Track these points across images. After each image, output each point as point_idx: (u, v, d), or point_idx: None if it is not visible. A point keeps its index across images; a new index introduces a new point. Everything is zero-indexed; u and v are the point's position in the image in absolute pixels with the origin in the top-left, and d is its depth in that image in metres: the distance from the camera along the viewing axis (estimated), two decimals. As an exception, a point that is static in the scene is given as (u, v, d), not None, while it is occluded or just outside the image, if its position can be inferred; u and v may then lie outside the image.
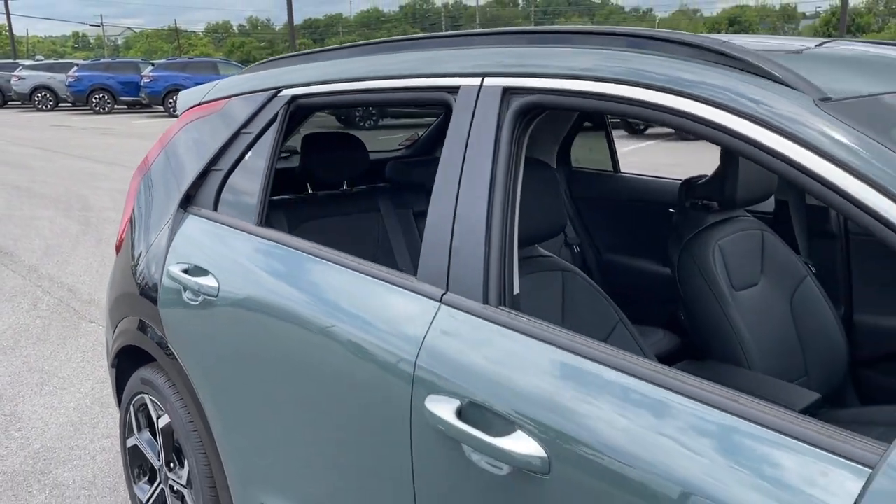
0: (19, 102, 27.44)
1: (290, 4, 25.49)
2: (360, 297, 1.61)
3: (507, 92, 1.47)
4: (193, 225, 2.19)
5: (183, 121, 2.44)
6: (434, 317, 1.45)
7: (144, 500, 2.48)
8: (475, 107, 1.51)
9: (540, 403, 1.22)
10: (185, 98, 2.53)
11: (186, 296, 2.07)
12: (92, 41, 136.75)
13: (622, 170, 3.15)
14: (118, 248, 2.56)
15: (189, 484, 2.23)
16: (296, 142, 2.70)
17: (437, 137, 3.22)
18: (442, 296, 1.47)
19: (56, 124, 20.71)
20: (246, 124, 2.13)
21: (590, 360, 1.21)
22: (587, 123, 3.20)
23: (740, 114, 1.13)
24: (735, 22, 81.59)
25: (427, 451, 1.39)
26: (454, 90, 1.57)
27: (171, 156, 2.40)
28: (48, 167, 12.09)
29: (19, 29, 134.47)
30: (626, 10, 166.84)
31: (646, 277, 2.87)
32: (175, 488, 2.33)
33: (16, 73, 26.38)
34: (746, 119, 1.12)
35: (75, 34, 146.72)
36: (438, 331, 1.42)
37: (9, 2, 41.41)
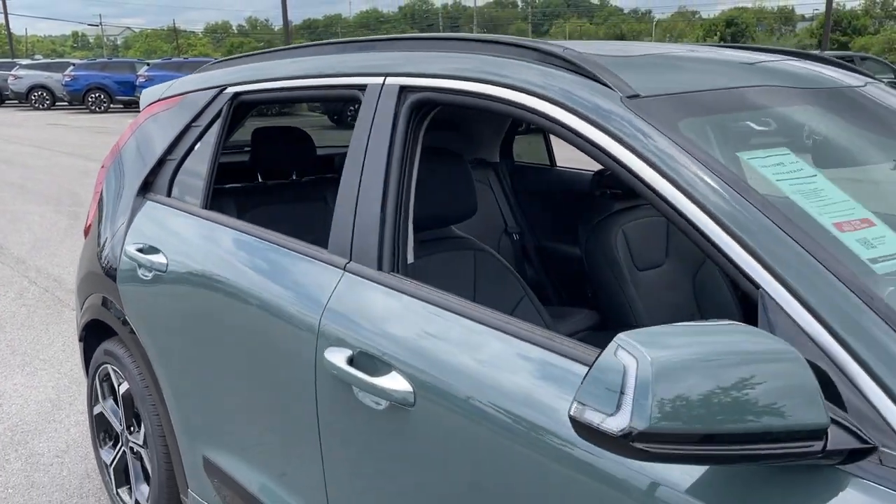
0: (16, 101, 27.66)
1: (284, 7, 25.76)
2: (281, 268, 1.85)
3: (403, 90, 1.71)
4: (149, 209, 2.42)
5: (144, 115, 2.68)
6: (338, 282, 1.68)
7: (109, 463, 2.72)
8: (377, 102, 1.75)
9: (409, 350, 1.46)
10: (147, 95, 2.77)
11: (141, 272, 2.30)
12: (91, 41, 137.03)
13: (559, 164, 3.39)
14: (86, 232, 2.79)
15: (145, 443, 2.46)
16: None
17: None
18: (346, 265, 1.70)
19: (52, 123, 20.94)
20: (196, 118, 2.36)
21: (451, 313, 1.45)
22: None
23: (564, 107, 1.36)
24: (732, 24, 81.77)
25: (327, 394, 1.62)
26: (362, 88, 1.81)
27: (132, 148, 2.64)
28: (41, 164, 12.32)
29: (18, 28, 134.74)
30: (625, 11, 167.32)
31: (577, 262, 3.11)
32: (134, 450, 2.56)
33: (13, 72, 26.59)
34: (568, 111, 1.35)
35: (74, 34, 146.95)
36: (340, 294, 1.66)
37: (7, 1, 41.61)
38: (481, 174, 3.33)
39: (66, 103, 26.12)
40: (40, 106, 26.27)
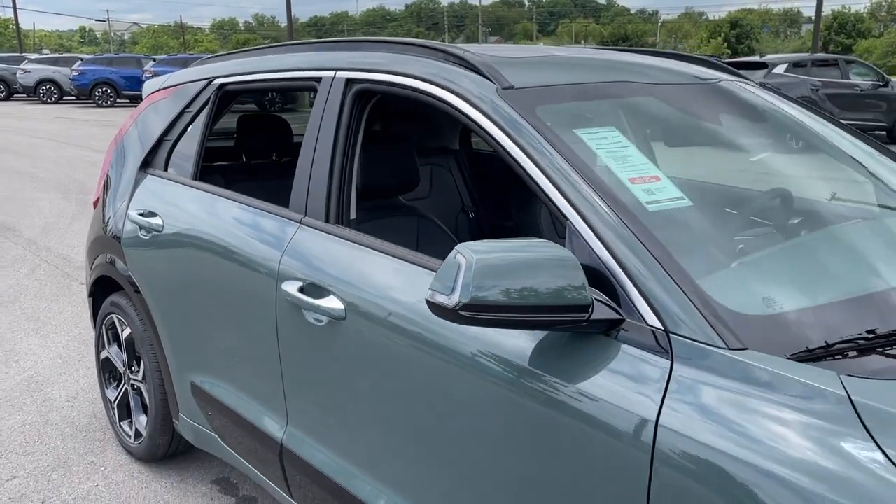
0: (25, 95, 28.20)
1: (288, 4, 26.25)
2: (252, 224, 2.31)
3: (349, 82, 2.16)
4: (149, 182, 2.89)
5: (146, 103, 3.14)
6: (294, 232, 2.14)
7: (113, 400, 3.18)
8: (329, 91, 2.20)
9: (342, 279, 1.91)
10: (149, 86, 3.23)
11: (141, 233, 2.77)
12: (98, 36, 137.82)
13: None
14: (95, 205, 3.26)
15: (144, 378, 2.92)
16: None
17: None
18: (301, 219, 2.16)
19: (60, 116, 21.46)
20: (189, 105, 2.83)
21: (377, 252, 1.90)
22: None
23: (455, 93, 1.81)
24: (736, 25, 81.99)
25: (283, 317, 2.08)
26: (318, 80, 2.26)
27: (136, 130, 3.10)
28: (50, 155, 12.81)
29: (26, 23, 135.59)
30: (632, 11, 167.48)
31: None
32: (135, 386, 3.03)
33: (21, 66, 27.13)
34: (457, 96, 1.80)
35: (82, 29, 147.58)
36: (295, 241, 2.12)
37: (16, -4, 42.13)
38: (443, 160, 3.77)
39: (73, 97, 26.67)
40: (48, 100, 26.81)
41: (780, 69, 13.71)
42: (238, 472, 2.99)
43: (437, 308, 1.37)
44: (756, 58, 15.41)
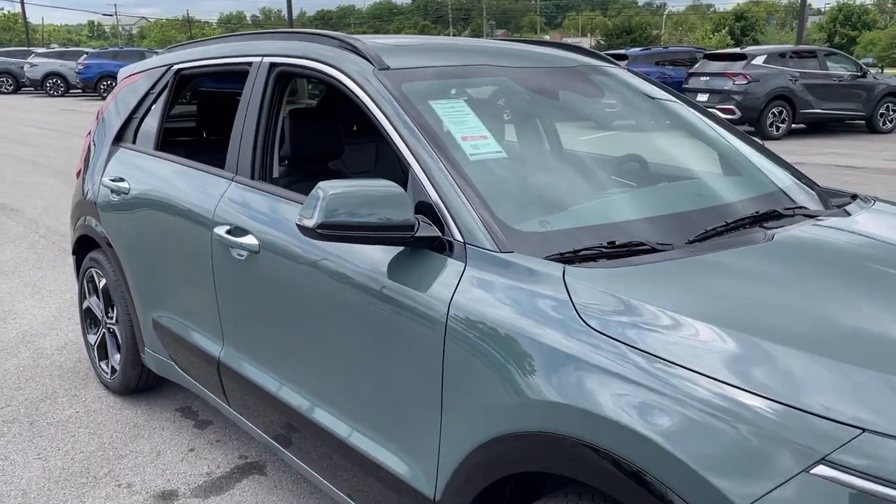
0: (32, 88, 28.81)
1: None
2: (197, 182, 2.81)
3: (273, 66, 2.65)
4: (120, 153, 3.40)
5: (120, 86, 3.65)
6: (227, 188, 2.64)
7: (93, 344, 3.70)
8: (257, 74, 2.70)
9: (259, 221, 2.41)
10: (123, 72, 3.74)
11: (112, 196, 3.27)
12: (107, 30, 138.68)
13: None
14: (78, 175, 3.76)
15: (117, 321, 3.44)
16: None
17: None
18: (233, 177, 2.65)
19: (65, 109, 22.04)
20: (153, 87, 3.33)
21: (283, 199, 2.39)
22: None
23: (342, 71, 2.30)
24: (741, 18, 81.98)
25: (216, 255, 2.58)
26: (250, 64, 2.76)
27: (111, 110, 3.61)
28: (54, 144, 13.37)
29: (35, 17, 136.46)
30: (640, 3, 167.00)
31: None
32: (111, 329, 3.54)
33: (28, 60, 27.73)
34: (344, 74, 2.29)
35: (90, 23, 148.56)
36: (227, 193, 2.61)
37: (24, -9, 42.76)
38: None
39: (79, 90, 27.25)
40: (55, 93, 27.42)
41: (758, 60, 14.12)
42: (198, 401, 3.50)
43: (302, 229, 1.87)
44: (736, 49, 15.80)
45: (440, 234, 1.88)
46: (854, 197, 2.47)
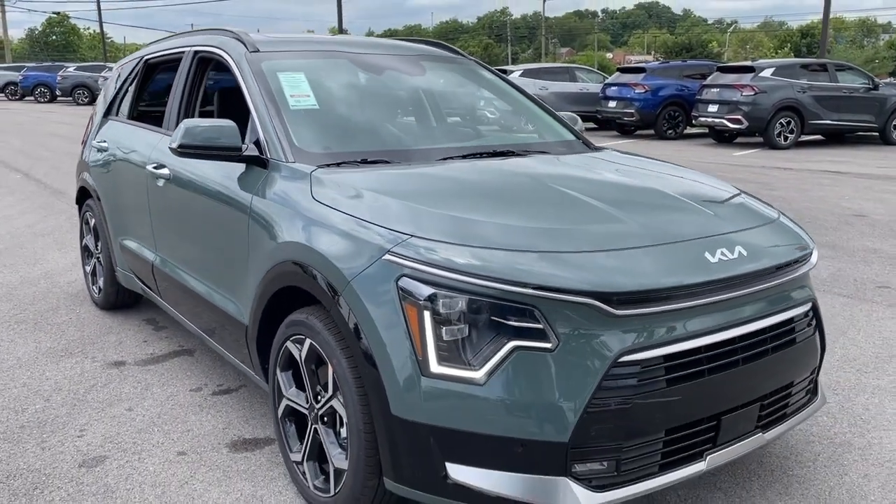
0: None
1: (339, 12, 28.43)
2: (144, 140, 3.87)
3: (195, 53, 3.70)
4: (109, 124, 4.52)
5: (114, 72, 4.79)
6: (160, 140, 3.69)
7: (90, 272, 4.82)
8: (187, 60, 3.75)
9: (173, 160, 3.45)
10: (118, 63, 4.87)
11: (98, 154, 4.39)
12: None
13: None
14: (82, 143, 4.91)
15: (100, 251, 4.55)
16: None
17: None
18: (165, 131, 3.71)
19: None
20: (131, 72, 4.45)
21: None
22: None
23: (227, 53, 3.32)
24: (807, 35, 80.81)
25: (149, 185, 3.64)
26: (183, 53, 3.82)
27: (106, 90, 4.75)
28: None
29: (118, 37, 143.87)
30: (710, 21, 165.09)
31: None
32: (98, 258, 4.65)
33: (102, 73, 30.09)
34: (227, 55, 3.30)
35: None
36: (159, 144, 3.66)
37: (104, 11, 45.72)
38: None
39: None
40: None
41: (766, 72, 14.69)
42: (159, 314, 4.57)
43: (171, 150, 2.88)
44: (747, 62, 16.35)
45: (259, 154, 2.87)
46: (596, 148, 3.40)
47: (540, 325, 2.01)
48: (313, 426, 2.49)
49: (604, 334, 2.03)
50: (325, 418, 2.44)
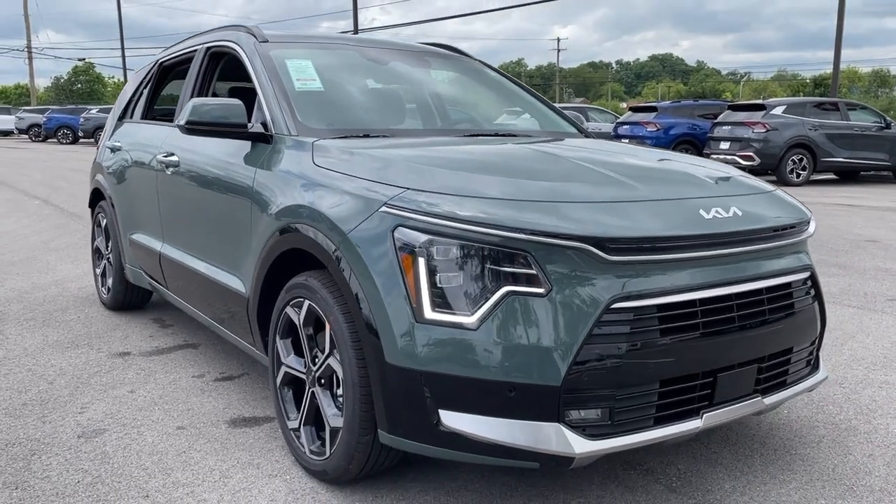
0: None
1: (355, 15, 29.49)
2: (155, 135, 3.96)
3: (207, 49, 3.80)
4: (121, 126, 4.62)
5: (132, 77, 4.91)
6: (171, 131, 3.77)
7: (100, 273, 4.88)
8: (199, 56, 3.85)
9: (181, 149, 3.52)
10: (136, 70, 5.00)
11: (110, 155, 4.49)
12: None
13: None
14: (97, 145, 5.01)
15: (110, 251, 4.61)
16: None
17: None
18: (177, 125, 3.79)
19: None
20: (146, 76, 4.56)
21: (203, 136, 3.51)
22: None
23: (239, 46, 3.41)
24: (820, 84, 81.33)
25: (158, 174, 3.71)
26: (196, 51, 3.92)
27: (121, 96, 4.87)
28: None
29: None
30: (724, 73, 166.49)
31: None
32: (109, 259, 4.71)
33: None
34: (239, 47, 3.39)
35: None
36: (170, 136, 3.75)
37: (126, 58, 46.90)
38: None
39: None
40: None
41: (777, 110, 14.78)
42: (167, 313, 4.61)
43: (179, 127, 2.95)
44: (758, 101, 16.46)
45: (265, 131, 2.94)
46: (587, 134, 3.47)
47: (533, 271, 2.02)
48: (310, 390, 2.50)
49: (596, 280, 2.04)
50: (322, 380, 2.45)
